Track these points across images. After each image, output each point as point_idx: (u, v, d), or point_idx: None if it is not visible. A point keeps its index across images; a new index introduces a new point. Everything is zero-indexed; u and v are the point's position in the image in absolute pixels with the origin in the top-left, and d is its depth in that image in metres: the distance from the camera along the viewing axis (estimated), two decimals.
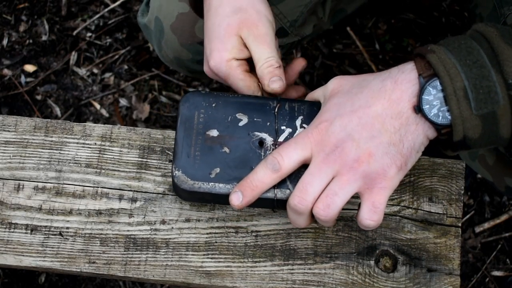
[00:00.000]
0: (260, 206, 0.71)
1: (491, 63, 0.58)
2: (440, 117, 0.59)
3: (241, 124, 0.69)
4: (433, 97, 0.59)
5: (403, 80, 0.61)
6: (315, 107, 0.69)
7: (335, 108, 0.63)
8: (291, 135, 0.68)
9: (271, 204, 0.68)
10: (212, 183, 0.67)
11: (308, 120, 0.68)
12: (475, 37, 0.60)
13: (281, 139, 0.68)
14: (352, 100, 0.62)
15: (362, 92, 0.62)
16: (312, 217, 0.65)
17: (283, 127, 0.69)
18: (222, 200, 0.69)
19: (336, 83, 0.66)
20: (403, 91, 0.60)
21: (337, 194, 0.61)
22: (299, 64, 0.79)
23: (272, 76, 0.71)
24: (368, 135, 0.61)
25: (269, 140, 0.68)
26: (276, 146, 0.68)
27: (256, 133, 0.69)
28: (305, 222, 0.65)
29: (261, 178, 0.64)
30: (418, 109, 0.60)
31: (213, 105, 0.70)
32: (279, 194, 0.66)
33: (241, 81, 0.72)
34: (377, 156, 0.61)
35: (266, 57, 0.71)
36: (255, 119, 0.69)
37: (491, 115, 0.58)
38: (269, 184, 0.64)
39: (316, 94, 0.69)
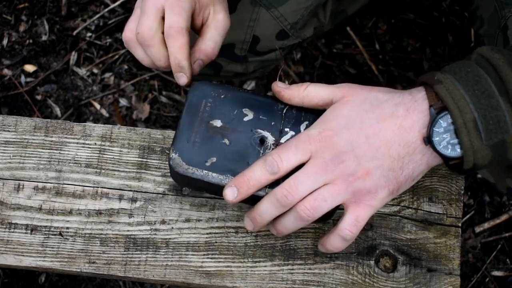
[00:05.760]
0: (249, 203, 0.71)
1: (499, 91, 0.58)
2: (449, 149, 0.60)
3: (246, 119, 0.69)
4: (443, 129, 0.60)
5: (415, 109, 0.61)
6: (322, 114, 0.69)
7: (343, 120, 0.63)
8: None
9: None
10: (206, 171, 0.68)
11: None
12: (481, 63, 0.60)
13: (282, 140, 0.68)
14: (362, 118, 0.62)
15: (374, 112, 0.62)
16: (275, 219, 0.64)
17: (286, 129, 0.69)
18: (213, 189, 0.69)
19: (347, 91, 0.65)
20: (415, 121, 0.61)
21: (326, 201, 0.61)
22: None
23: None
24: (371, 155, 0.61)
25: (270, 139, 0.69)
26: (276, 146, 0.68)
27: (259, 130, 0.69)
28: (270, 217, 0.64)
29: (258, 178, 0.64)
30: (428, 140, 0.60)
31: (222, 96, 0.70)
32: None
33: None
34: (374, 176, 0.61)
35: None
36: (260, 117, 0.69)
37: (501, 144, 0.59)
38: (264, 184, 0.64)
39: (323, 92, 0.68)
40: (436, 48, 1.52)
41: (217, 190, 0.68)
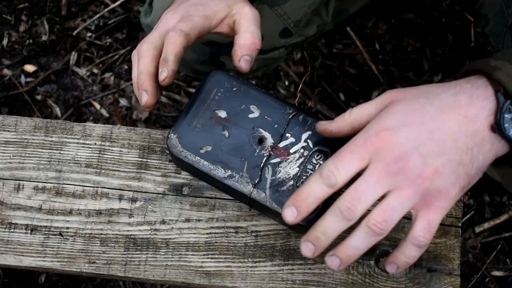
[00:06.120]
0: (235, 197, 0.72)
1: None
2: None
3: (251, 116, 0.70)
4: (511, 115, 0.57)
5: (479, 96, 0.57)
6: None
7: (399, 115, 0.58)
8: (292, 145, 0.68)
9: (245, 200, 0.69)
10: (199, 158, 0.68)
11: (315, 137, 0.68)
12: None
13: (281, 145, 0.68)
14: (421, 111, 0.58)
15: (432, 105, 0.58)
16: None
17: (288, 135, 0.69)
18: (202, 176, 0.71)
19: (395, 94, 0.61)
20: (480, 108, 0.57)
21: (396, 210, 0.56)
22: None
23: None
24: (438, 151, 0.56)
25: (269, 141, 0.69)
26: (273, 150, 0.68)
27: (261, 130, 0.69)
28: (335, 235, 0.58)
29: (317, 193, 0.58)
30: (498, 128, 0.56)
31: (234, 89, 0.71)
32: (254, 193, 0.67)
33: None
34: (443, 174, 0.56)
35: None
36: (265, 117, 0.70)
37: None
38: (324, 199, 0.59)
39: (369, 108, 0.61)
40: (436, 48, 1.52)
41: (205, 178, 0.69)
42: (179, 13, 0.71)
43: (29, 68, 1.53)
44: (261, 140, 0.69)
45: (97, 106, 1.51)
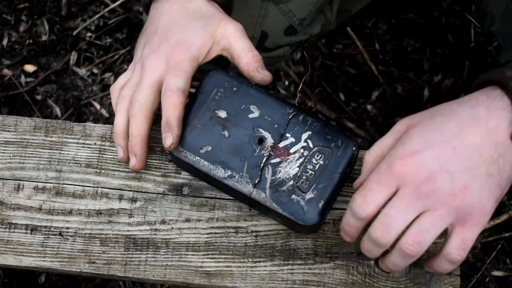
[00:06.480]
0: (235, 197, 0.72)
1: None
2: None
3: (251, 116, 0.70)
4: None
5: (496, 107, 0.57)
6: (328, 128, 0.69)
7: (420, 138, 0.57)
8: (292, 145, 0.68)
9: (245, 200, 0.70)
10: (199, 158, 0.69)
11: (315, 137, 0.68)
12: None
13: (281, 145, 0.68)
14: (441, 130, 0.57)
15: (451, 121, 0.57)
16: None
17: (288, 135, 0.69)
18: (202, 176, 0.71)
19: (408, 120, 0.61)
20: (500, 119, 0.56)
21: (429, 231, 0.57)
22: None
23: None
24: (464, 166, 0.56)
25: (269, 141, 0.69)
26: (273, 150, 0.68)
27: (261, 130, 0.69)
28: (375, 256, 0.62)
29: (354, 226, 0.61)
30: None
31: (234, 88, 0.71)
32: (254, 193, 0.67)
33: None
34: (474, 189, 0.56)
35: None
36: (265, 117, 0.69)
37: None
38: (362, 227, 0.61)
39: (387, 141, 0.61)
40: (436, 48, 1.52)
41: (205, 178, 0.69)
42: (163, 56, 0.70)
43: (29, 68, 1.53)
44: (261, 140, 0.69)
45: (97, 106, 1.51)
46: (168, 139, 0.69)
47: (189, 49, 0.70)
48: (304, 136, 0.69)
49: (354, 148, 0.68)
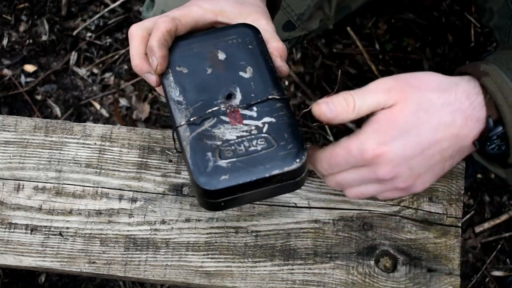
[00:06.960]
0: (171, 122, 0.69)
1: None
2: (496, 149, 0.62)
3: (241, 73, 0.68)
4: (496, 136, 0.61)
5: (473, 117, 0.61)
6: (291, 129, 0.65)
7: (397, 131, 0.61)
8: (249, 118, 0.66)
9: (172, 129, 0.67)
10: (169, 71, 0.68)
11: (273, 127, 0.65)
12: None
13: (241, 111, 0.65)
14: (418, 129, 0.60)
15: (430, 122, 0.60)
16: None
17: (254, 108, 0.64)
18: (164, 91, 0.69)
19: (400, 96, 0.61)
20: (472, 129, 0.61)
21: (371, 194, 0.64)
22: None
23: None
24: (425, 164, 0.61)
25: (235, 102, 0.65)
26: (231, 109, 0.66)
27: (238, 89, 0.67)
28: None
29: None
30: (481, 147, 0.62)
31: (250, 46, 0.71)
32: (182, 128, 0.65)
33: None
34: (425, 178, 0.63)
35: None
36: (251, 83, 0.68)
37: None
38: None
39: (373, 101, 0.62)
40: (436, 48, 1.52)
41: (165, 94, 0.68)
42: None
43: (29, 68, 1.53)
44: (229, 96, 0.67)
45: (97, 106, 1.51)
46: (153, 62, 0.68)
47: (216, 4, 0.72)
48: (266, 119, 0.67)
49: (295, 164, 0.63)
